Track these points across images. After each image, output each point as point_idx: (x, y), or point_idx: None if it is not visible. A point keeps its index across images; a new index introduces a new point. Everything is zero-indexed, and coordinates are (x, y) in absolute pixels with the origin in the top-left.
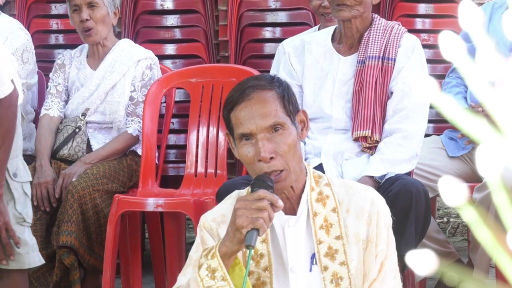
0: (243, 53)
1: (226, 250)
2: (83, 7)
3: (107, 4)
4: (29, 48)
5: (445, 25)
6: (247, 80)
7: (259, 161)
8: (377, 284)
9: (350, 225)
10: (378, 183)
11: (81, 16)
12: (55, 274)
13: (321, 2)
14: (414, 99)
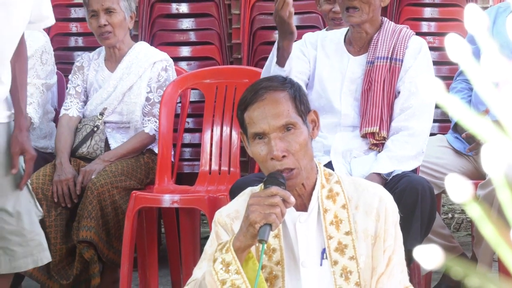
0: (255, 55)
1: (239, 244)
2: (101, 13)
3: (123, 9)
4: (48, 50)
5: (449, 28)
6: (260, 81)
7: (271, 159)
8: (385, 278)
9: (359, 221)
10: (385, 180)
11: (99, 22)
12: (75, 268)
13: (332, 7)
14: (420, 98)
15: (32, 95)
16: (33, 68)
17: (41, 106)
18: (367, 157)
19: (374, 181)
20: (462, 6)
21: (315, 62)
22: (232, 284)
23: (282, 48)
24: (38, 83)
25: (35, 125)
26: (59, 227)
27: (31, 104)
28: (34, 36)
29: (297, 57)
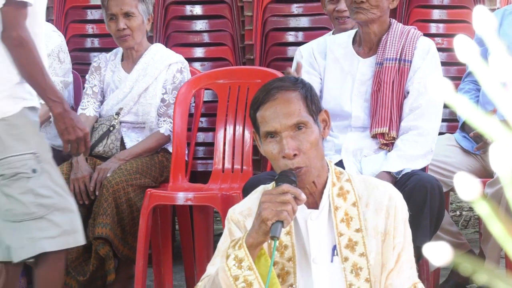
0: (268, 56)
1: (252, 241)
2: (120, 17)
3: (142, 12)
4: (64, 49)
5: (457, 29)
6: (272, 81)
7: (283, 157)
8: (395, 274)
9: (369, 219)
10: (395, 178)
11: (118, 26)
12: (91, 264)
13: (335, 7)
14: (429, 98)
15: None
16: (51, 67)
17: None
18: (377, 156)
19: (384, 180)
20: (470, 8)
21: (325, 70)
22: (244, 280)
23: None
24: (57, 80)
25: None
26: None
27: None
28: (49, 36)
29: (307, 72)
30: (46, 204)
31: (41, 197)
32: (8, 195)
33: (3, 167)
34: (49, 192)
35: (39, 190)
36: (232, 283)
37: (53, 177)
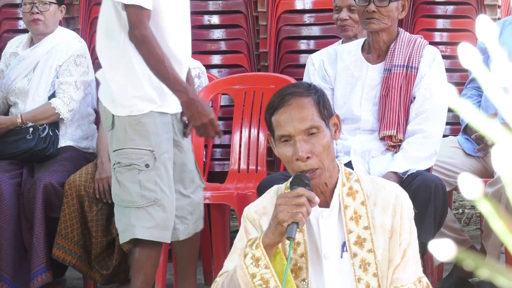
0: (281, 63)
1: (268, 241)
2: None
3: None
4: (83, 53)
5: (460, 38)
6: (286, 87)
7: (296, 160)
8: (401, 269)
9: (377, 217)
10: (401, 178)
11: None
12: (114, 259)
13: (338, 16)
14: (434, 103)
15: (64, 91)
16: (67, 69)
17: (75, 101)
18: (384, 157)
19: (390, 179)
20: (472, 18)
21: (335, 78)
22: (261, 277)
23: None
24: (71, 80)
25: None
26: (100, 222)
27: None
28: (71, 42)
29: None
30: (148, 196)
31: (146, 190)
32: (119, 182)
33: (121, 156)
34: (155, 187)
35: (146, 183)
36: (250, 281)
37: (162, 175)
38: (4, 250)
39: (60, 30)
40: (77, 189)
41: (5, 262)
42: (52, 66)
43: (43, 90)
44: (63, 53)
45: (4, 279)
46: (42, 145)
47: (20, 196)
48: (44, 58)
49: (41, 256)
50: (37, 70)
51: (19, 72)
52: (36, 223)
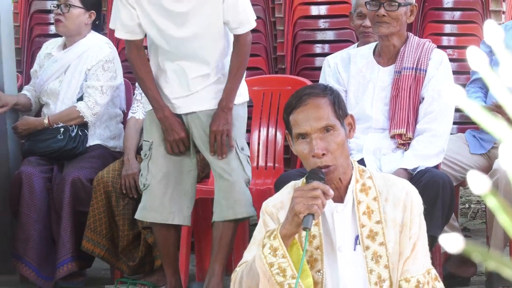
0: (297, 66)
1: (286, 232)
2: None
3: None
4: (111, 59)
5: (467, 42)
6: (304, 88)
7: (313, 156)
8: (410, 261)
9: (388, 212)
10: (411, 174)
11: None
12: (140, 251)
13: (362, 22)
14: (441, 103)
15: (90, 95)
16: (94, 74)
17: (100, 105)
18: (395, 154)
19: (401, 176)
20: (478, 23)
21: (349, 80)
22: (279, 266)
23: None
24: (97, 84)
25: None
26: (126, 216)
27: (85, 102)
28: (101, 47)
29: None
30: (143, 182)
31: (142, 177)
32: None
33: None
34: (146, 174)
35: (143, 171)
36: (268, 270)
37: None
38: (32, 239)
39: (91, 35)
40: (105, 185)
41: (33, 251)
42: (82, 70)
43: (73, 92)
44: (93, 57)
45: (31, 266)
46: (72, 145)
47: (50, 190)
48: (75, 61)
49: (67, 247)
50: (68, 73)
51: (52, 73)
52: (64, 216)
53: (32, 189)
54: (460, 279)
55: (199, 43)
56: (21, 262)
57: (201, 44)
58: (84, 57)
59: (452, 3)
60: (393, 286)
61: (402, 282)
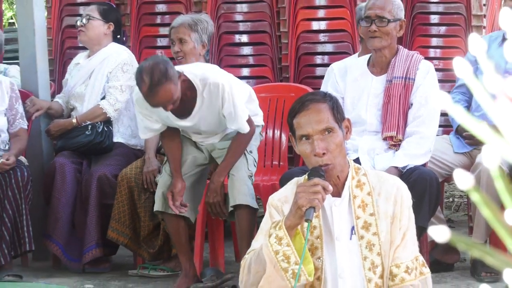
0: (300, 75)
1: (289, 223)
2: (176, 42)
3: (194, 40)
4: (129, 62)
5: (451, 54)
6: (306, 95)
7: (314, 155)
8: (400, 249)
9: (381, 205)
10: (401, 172)
11: (174, 49)
12: (159, 239)
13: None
14: (428, 108)
15: (111, 94)
16: (115, 75)
17: (120, 102)
18: (387, 154)
19: (392, 173)
20: (461, 37)
21: (345, 88)
22: (283, 254)
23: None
24: (117, 84)
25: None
26: (147, 208)
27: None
28: (119, 53)
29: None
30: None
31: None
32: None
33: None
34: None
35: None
36: (274, 257)
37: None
38: (61, 220)
39: (112, 44)
40: (128, 180)
41: (60, 231)
42: (104, 73)
43: (97, 93)
44: (113, 62)
45: (58, 244)
46: (99, 139)
47: (79, 181)
48: (98, 67)
49: (93, 235)
50: (92, 77)
51: (78, 79)
52: (91, 207)
53: (64, 176)
54: (445, 265)
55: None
56: (50, 240)
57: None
58: (105, 62)
59: (438, 19)
60: (384, 271)
61: (393, 267)
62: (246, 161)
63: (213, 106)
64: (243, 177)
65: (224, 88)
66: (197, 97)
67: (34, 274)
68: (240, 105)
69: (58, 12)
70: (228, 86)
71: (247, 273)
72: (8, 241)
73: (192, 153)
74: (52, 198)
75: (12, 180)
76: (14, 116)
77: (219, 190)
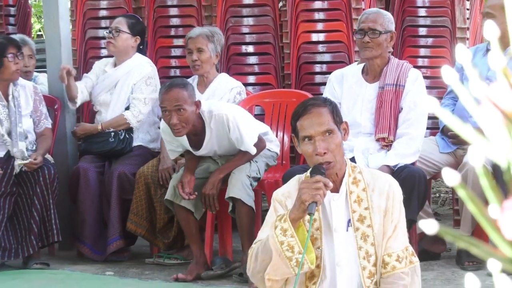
0: (301, 82)
1: (293, 216)
2: (194, 51)
3: (210, 50)
4: (152, 75)
5: (438, 63)
6: (308, 100)
7: (316, 155)
8: (392, 240)
9: (375, 200)
10: (393, 170)
11: (192, 58)
12: (173, 231)
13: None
14: (417, 112)
15: (135, 106)
16: (139, 88)
17: (143, 114)
18: (380, 154)
19: (384, 171)
20: (447, 48)
21: (342, 94)
22: (288, 244)
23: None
24: (141, 97)
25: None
26: (162, 202)
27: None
28: (143, 66)
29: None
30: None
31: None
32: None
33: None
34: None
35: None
36: (279, 247)
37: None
38: (87, 222)
39: (137, 55)
40: (146, 177)
41: (87, 232)
42: (129, 84)
43: (121, 103)
44: (137, 74)
45: (86, 244)
46: (121, 145)
47: (102, 182)
48: (123, 77)
49: (116, 228)
50: (117, 87)
51: (104, 87)
52: (112, 203)
53: (87, 181)
54: (432, 255)
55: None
56: (78, 241)
57: (222, 153)
58: (130, 74)
59: (426, 32)
60: (377, 260)
61: (385, 256)
62: (249, 165)
63: (222, 134)
64: (242, 176)
65: (228, 118)
66: (206, 129)
67: (60, 262)
68: (245, 131)
69: (82, 25)
70: (232, 116)
71: (254, 261)
72: (37, 233)
73: (208, 162)
74: (77, 202)
75: (40, 177)
76: (39, 117)
77: (216, 184)
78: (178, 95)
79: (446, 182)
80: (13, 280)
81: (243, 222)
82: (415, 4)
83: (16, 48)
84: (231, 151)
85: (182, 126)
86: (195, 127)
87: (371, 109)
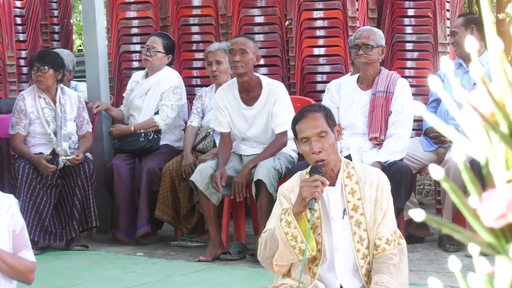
0: (305, 90)
1: (296, 210)
2: (213, 63)
3: (227, 62)
4: (179, 86)
5: (422, 73)
6: (305, 106)
7: (312, 153)
8: (382, 225)
9: (366, 191)
10: (383, 165)
11: (212, 69)
12: (195, 217)
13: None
14: (404, 115)
15: (163, 111)
16: (167, 96)
17: (170, 118)
18: (372, 152)
19: (376, 166)
20: (430, 60)
21: (340, 100)
22: (292, 234)
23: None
24: (169, 103)
25: (159, 127)
26: (186, 193)
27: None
28: (171, 77)
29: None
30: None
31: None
32: None
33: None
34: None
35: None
36: (284, 237)
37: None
38: (121, 212)
39: (166, 68)
40: (171, 172)
41: (122, 220)
42: (158, 92)
43: (152, 108)
44: (166, 84)
45: (121, 231)
46: (149, 144)
47: (133, 176)
48: (153, 86)
49: (144, 215)
50: (148, 94)
51: (136, 94)
52: (142, 193)
53: (120, 177)
54: (417, 238)
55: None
56: (116, 228)
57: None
58: (160, 83)
59: (412, 46)
60: (370, 243)
61: (376, 240)
62: (273, 159)
63: (268, 105)
64: (267, 164)
65: (283, 89)
66: (262, 92)
67: (97, 244)
68: (285, 110)
69: (116, 41)
70: (285, 91)
71: (264, 249)
72: (78, 219)
73: (235, 163)
74: (113, 194)
75: (81, 171)
76: (81, 122)
77: (245, 174)
78: (245, 40)
79: (431, 176)
80: (57, 260)
81: (263, 205)
82: (402, 22)
83: (39, 63)
84: (259, 138)
85: (241, 65)
86: (250, 79)
87: (365, 112)
